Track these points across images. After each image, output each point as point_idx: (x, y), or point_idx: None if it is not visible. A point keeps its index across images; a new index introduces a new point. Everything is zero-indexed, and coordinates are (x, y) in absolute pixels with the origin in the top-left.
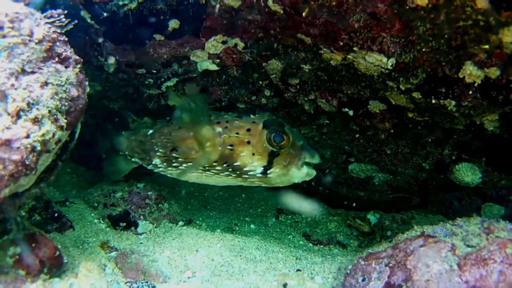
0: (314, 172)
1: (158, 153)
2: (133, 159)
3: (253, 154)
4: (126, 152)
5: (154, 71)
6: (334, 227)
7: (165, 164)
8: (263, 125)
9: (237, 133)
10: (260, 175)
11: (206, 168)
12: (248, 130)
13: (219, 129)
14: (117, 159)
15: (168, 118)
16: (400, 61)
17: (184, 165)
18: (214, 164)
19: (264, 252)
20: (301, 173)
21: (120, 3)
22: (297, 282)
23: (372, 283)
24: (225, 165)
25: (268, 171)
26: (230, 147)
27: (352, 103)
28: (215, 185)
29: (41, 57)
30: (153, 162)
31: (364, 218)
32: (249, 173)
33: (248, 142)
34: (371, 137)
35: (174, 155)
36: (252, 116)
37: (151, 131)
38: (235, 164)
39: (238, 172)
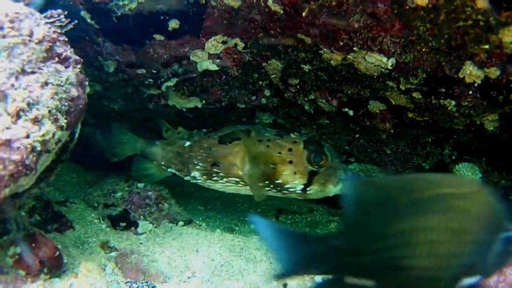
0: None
1: (198, 167)
2: (169, 169)
3: (295, 173)
4: (162, 162)
5: (154, 71)
6: (334, 227)
7: (204, 177)
8: (304, 145)
9: (279, 153)
10: (299, 191)
11: (248, 183)
12: (290, 150)
13: (261, 147)
14: (149, 166)
15: (205, 131)
16: (400, 61)
17: (225, 179)
18: (256, 180)
19: (264, 252)
20: (336, 189)
21: (120, 3)
22: (297, 282)
23: None
24: (267, 182)
25: (308, 188)
26: (272, 166)
27: (352, 103)
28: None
29: (41, 57)
30: (192, 175)
31: None
32: (289, 189)
33: (290, 162)
34: (371, 137)
35: (215, 170)
36: (292, 135)
37: (188, 143)
38: (277, 181)
39: (279, 188)
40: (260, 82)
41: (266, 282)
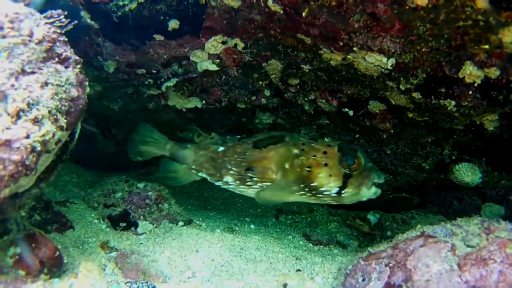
0: (379, 191)
1: (231, 172)
2: (199, 174)
3: (330, 175)
4: (193, 166)
5: (154, 71)
6: (334, 227)
7: (238, 182)
8: (338, 149)
9: (315, 156)
10: (334, 195)
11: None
12: (325, 152)
13: (296, 151)
14: (178, 168)
15: (239, 137)
16: (400, 61)
17: (259, 184)
18: (292, 183)
19: (264, 252)
20: (370, 193)
21: (120, 3)
22: (297, 282)
23: (372, 283)
24: (302, 185)
25: (342, 191)
26: (308, 169)
27: (352, 103)
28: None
29: (41, 58)
30: (224, 179)
31: (364, 218)
32: (324, 193)
33: (325, 165)
34: (371, 137)
35: (249, 174)
36: (326, 139)
37: (222, 148)
38: (312, 184)
39: (313, 192)
40: (260, 82)
41: (266, 282)
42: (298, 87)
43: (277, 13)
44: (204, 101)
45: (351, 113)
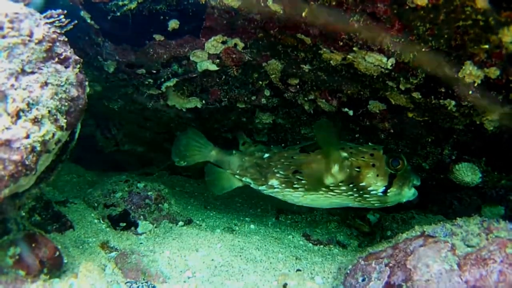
0: (417, 192)
1: (278, 175)
2: (243, 179)
3: (377, 175)
4: (237, 171)
5: (154, 71)
6: (334, 227)
7: (283, 185)
8: (383, 151)
9: (363, 157)
10: (381, 194)
11: (330, 188)
12: (372, 155)
13: (344, 154)
14: (222, 175)
15: (283, 145)
16: (400, 61)
17: (306, 186)
18: (340, 184)
19: (264, 252)
20: (410, 193)
21: (120, 3)
22: (297, 282)
23: (372, 283)
24: (351, 185)
25: (388, 191)
26: (357, 169)
27: (352, 103)
28: (322, 207)
29: (41, 57)
30: (270, 183)
31: (364, 218)
32: (371, 192)
33: (373, 165)
34: (371, 137)
35: (298, 176)
36: (370, 144)
37: (268, 155)
38: (361, 184)
39: (361, 192)
40: (260, 82)
41: (266, 282)
42: (298, 87)
43: (277, 13)
44: (204, 101)
45: (351, 113)
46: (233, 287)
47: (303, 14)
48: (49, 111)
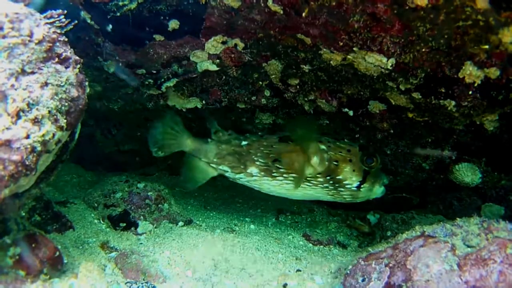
0: (385, 190)
1: (257, 163)
2: (220, 167)
3: (353, 170)
4: (214, 160)
5: (154, 72)
6: (334, 227)
7: (262, 173)
8: (359, 148)
9: (341, 152)
10: (354, 188)
11: (307, 179)
12: (349, 150)
13: (323, 146)
14: (197, 165)
15: (260, 134)
16: (400, 61)
17: (284, 175)
18: (318, 175)
19: (264, 252)
20: (380, 190)
21: (120, 3)
22: (297, 282)
23: (372, 283)
24: (328, 177)
25: (362, 186)
26: (335, 163)
27: (352, 103)
28: (295, 198)
29: (41, 58)
30: (248, 171)
31: (364, 218)
32: (346, 186)
33: (350, 160)
34: (371, 137)
35: (277, 165)
36: (346, 140)
37: (246, 142)
38: (337, 177)
39: (336, 185)
40: (260, 82)
41: (266, 282)
42: (298, 87)
43: (277, 13)
44: (204, 101)
45: (351, 113)
46: (233, 287)
47: (303, 14)
48: (49, 111)
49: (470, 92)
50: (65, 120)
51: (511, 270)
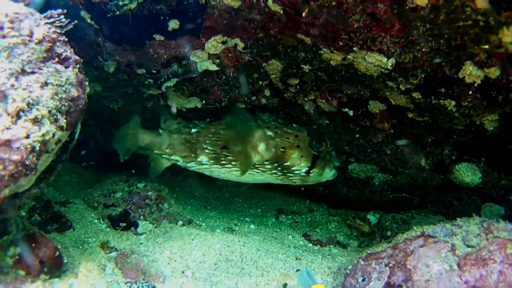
0: (336, 173)
1: (207, 151)
2: (171, 157)
3: (302, 156)
4: (167, 150)
5: (154, 71)
6: (334, 227)
7: (212, 161)
8: (307, 133)
9: (288, 138)
10: (303, 174)
11: (255, 166)
12: (296, 136)
13: (270, 133)
14: (152, 157)
15: (208, 120)
16: (400, 61)
17: (233, 163)
18: (266, 163)
19: (264, 252)
20: (330, 173)
21: (120, 3)
22: (297, 282)
23: (372, 283)
24: (275, 164)
25: (311, 171)
26: (282, 149)
27: (352, 103)
28: (246, 182)
29: (41, 57)
30: (199, 159)
31: (364, 218)
32: (295, 172)
33: (298, 146)
34: (371, 137)
35: (225, 153)
36: (294, 125)
37: (195, 130)
38: (285, 164)
39: (285, 171)
40: (260, 82)
41: (266, 282)
42: (298, 87)
43: (277, 13)
44: (204, 101)
45: (351, 113)
46: (233, 287)
47: (303, 14)
48: (49, 111)
49: (470, 92)
50: (65, 120)
51: (511, 270)
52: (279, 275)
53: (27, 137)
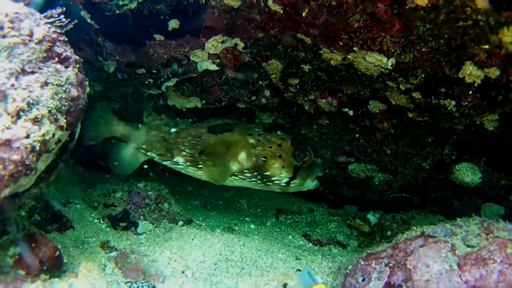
0: (318, 183)
1: (184, 153)
2: (148, 153)
3: (283, 167)
4: (143, 146)
5: (154, 71)
6: (334, 227)
7: (188, 163)
8: (291, 142)
9: (270, 147)
10: (284, 184)
11: (235, 173)
12: (279, 145)
13: (252, 140)
14: (126, 151)
15: (191, 120)
16: (400, 61)
17: (210, 168)
18: (245, 171)
19: (264, 252)
20: (312, 184)
21: (120, 3)
22: (297, 282)
23: (372, 283)
24: (255, 173)
25: (291, 182)
26: (263, 159)
27: (352, 103)
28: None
29: (41, 57)
30: (175, 160)
31: (364, 218)
32: (275, 182)
33: (280, 156)
34: (371, 137)
35: (203, 157)
36: (278, 132)
37: (175, 130)
38: (265, 173)
39: (265, 180)
40: (260, 82)
41: (266, 282)
42: (298, 87)
43: (277, 13)
44: (204, 101)
45: (351, 113)
46: (233, 287)
47: (303, 14)
48: (49, 111)
49: (470, 92)
50: (65, 120)
51: (511, 270)
52: (279, 275)
53: (27, 137)
